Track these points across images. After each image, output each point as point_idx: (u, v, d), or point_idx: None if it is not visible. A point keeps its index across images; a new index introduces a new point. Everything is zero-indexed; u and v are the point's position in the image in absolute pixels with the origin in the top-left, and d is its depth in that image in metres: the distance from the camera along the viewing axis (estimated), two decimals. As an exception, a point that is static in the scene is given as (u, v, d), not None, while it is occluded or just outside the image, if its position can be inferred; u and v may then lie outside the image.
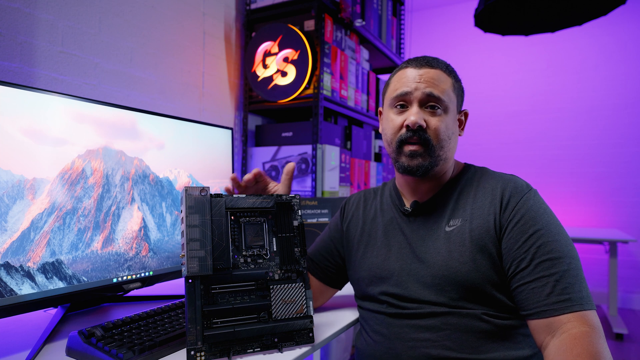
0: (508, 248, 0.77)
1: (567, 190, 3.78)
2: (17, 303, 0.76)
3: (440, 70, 0.85)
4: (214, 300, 0.72)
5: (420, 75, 0.84)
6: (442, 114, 0.84)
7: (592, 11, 1.89)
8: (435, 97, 0.83)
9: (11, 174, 0.76)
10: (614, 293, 3.07)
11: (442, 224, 0.84)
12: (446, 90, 0.84)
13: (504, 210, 0.79)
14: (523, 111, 3.96)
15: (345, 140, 2.12)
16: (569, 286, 0.70)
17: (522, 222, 0.77)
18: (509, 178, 0.84)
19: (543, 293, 0.71)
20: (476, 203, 0.83)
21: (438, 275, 0.80)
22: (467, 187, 0.87)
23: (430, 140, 0.83)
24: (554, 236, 0.75)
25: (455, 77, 0.88)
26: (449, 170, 0.90)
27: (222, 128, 1.26)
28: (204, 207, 0.74)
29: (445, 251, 0.81)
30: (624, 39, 3.62)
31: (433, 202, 0.88)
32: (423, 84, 0.83)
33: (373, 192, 1.02)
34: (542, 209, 0.78)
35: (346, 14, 1.96)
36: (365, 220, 0.97)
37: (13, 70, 1.15)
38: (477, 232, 0.79)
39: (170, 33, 1.64)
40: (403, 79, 0.86)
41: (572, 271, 0.72)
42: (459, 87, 0.89)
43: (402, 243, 0.88)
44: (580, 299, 0.70)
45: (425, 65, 0.86)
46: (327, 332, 0.85)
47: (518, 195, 0.79)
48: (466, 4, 4.21)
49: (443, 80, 0.85)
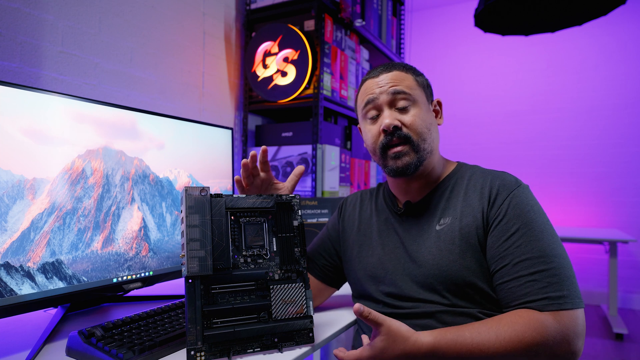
0: (490, 245, 0.77)
1: (567, 190, 3.78)
2: (17, 303, 0.76)
3: (397, 71, 0.88)
4: (214, 300, 0.72)
5: (380, 81, 0.87)
6: (413, 108, 0.85)
7: (592, 11, 1.89)
8: (401, 92, 0.85)
9: (11, 174, 0.76)
10: (614, 293, 3.07)
11: (433, 223, 0.85)
12: (410, 85, 0.86)
13: (492, 206, 0.79)
14: (523, 111, 3.96)
15: (345, 140, 2.12)
16: (548, 286, 0.70)
17: (507, 220, 0.77)
18: (498, 174, 0.84)
19: (520, 292, 0.72)
20: (466, 201, 0.83)
21: (430, 275, 0.80)
22: (457, 185, 0.87)
23: (410, 137, 0.84)
24: (537, 234, 0.74)
25: (414, 72, 0.90)
26: (437, 167, 0.90)
27: (222, 128, 1.26)
28: (204, 207, 0.74)
29: (435, 250, 0.81)
30: (624, 39, 3.62)
31: (425, 201, 0.88)
32: (385, 87, 0.86)
33: (369, 193, 1.03)
34: (528, 205, 0.78)
35: (346, 14, 1.96)
36: (361, 220, 0.98)
37: (13, 70, 1.15)
38: (467, 229, 0.79)
39: (170, 33, 1.64)
40: (366, 90, 0.89)
41: (553, 270, 0.71)
42: (422, 80, 0.90)
43: (396, 243, 0.89)
44: (558, 297, 0.69)
45: (382, 71, 0.88)
46: (327, 332, 0.85)
47: (506, 192, 0.79)
48: (466, 4, 4.21)
49: (403, 77, 0.87)
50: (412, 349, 0.69)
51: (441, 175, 0.90)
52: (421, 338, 0.70)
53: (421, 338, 0.70)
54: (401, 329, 0.69)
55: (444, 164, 0.92)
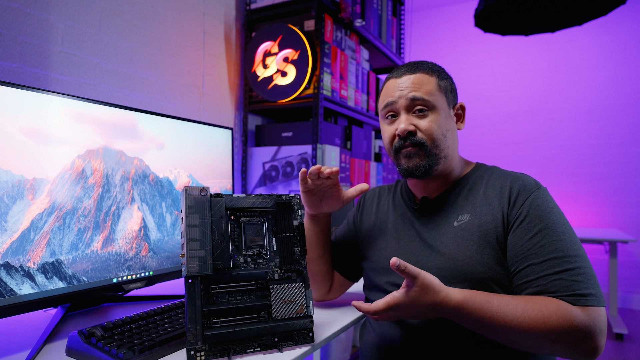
0: (512, 245, 0.77)
1: (567, 190, 3.78)
2: (17, 303, 0.76)
3: (422, 73, 0.87)
4: (214, 300, 0.72)
5: (401, 83, 0.87)
6: (431, 114, 0.85)
7: (592, 11, 1.89)
8: (419, 99, 0.85)
9: (11, 174, 0.76)
10: (614, 293, 3.07)
11: (450, 219, 0.85)
12: (430, 90, 0.86)
13: (512, 207, 0.80)
14: (523, 111, 3.96)
15: (345, 140, 2.12)
16: (575, 283, 0.71)
17: (528, 220, 0.77)
18: (518, 176, 0.85)
19: (549, 290, 0.72)
20: (485, 200, 0.84)
21: (444, 268, 0.80)
22: (476, 184, 0.88)
23: (423, 142, 0.84)
24: (559, 235, 0.75)
25: (440, 75, 0.89)
26: (456, 168, 0.91)
27: (222, 128, 1.26)
28: (203, 207, 0.74)
29: (453, 245, 0.82)
30: (624, 39, 3.62)
31: (442, 198, 0.89)
32: (405, 91, 0.86)
33: (387, 189, 1.05)
34: (549, 207, 0.78)
35: (346, 14, 1.96)
36: (378, 214, 1.00)
37: (13, 70, 1.15)
38: (485, 227, 0.80)
39: (170, 33, 1.64)
40: (387, 90, 0.90)
41: (578, 270, 0.72)
42: (445, 84, 0.89)
43: (412, 236, 0.90)
44: (586, 295, 0.70)
45: (406, 72, 0.88)
46: (327, 332, 0.85)
47: (526, 193, 0.80)
48: (466, 4, 4.21)
49: (425, 82, 0.86)
50: (441, 303, 0.71)
51: (459, 175, 0.91)
52: (451, 294, 0.72)
53: (451, 294, 0.72)
54: (434, 282, 0.72)
55: (463, 165, 0.93)
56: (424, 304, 0.71)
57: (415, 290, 0.71)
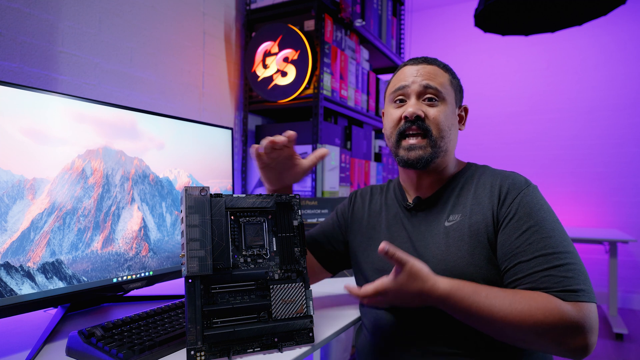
0: (502, 243, 0.77)
1: (568, 190, 3.78)
2: (17, 303, 0.76)
3: (437, 67, 0.90)
4: (214, 300, 0.72)
5: (417, 70, 0.89)
6: (441, 104, 0.87)
7: (592, 11, 1.90)
8: (432, 88, 0.86)
9: (11, 174, 0.76)
10: (614, 293, 3.07)
11: (442, 219, 0.85)
12: (443, 83, 0.88)
13: (502, 205, 0.80)
14: (523, 111, 3.96)
15: (345, 140, 2.12)
16: (565, 279, 0.70)
17: (517, 218, 0.77)
18: (508, 174, 0.85)
19: (538, 287, 0.71)
20: (476, 199, 0.84)
21: (436, 270, 0.80)
22: (467, 183, 0.88)
23: (430, 130, 0.85)
24: (548, 232, 0.75)
25: (452, 74, 0.92)
26: (450, 165, 0.91)
27: (222, 128, 1.26)
28: (203, 207, 0.74)
29: (444, 246, 0.82)
30: (624, 39, 3.62)
31: (435, 197, 0.89)
32: (420, 77, 0.87)
33: (379, 188, 1.05)
34: (538, 204, 0.78)
35: (346, 14, 1.96)
36: (370, 213, 1.00)
37: (13, 70, 1.15)
38: (476, 227, 0.80)
39: (170, 33, 1.64)
40: (401, 75, 0.91)
41: (568, 266, 0.71)
42: (456, 83, 0.92)
43: (404, 238, 0.89)
44: (576, 291, 0.69)
45: (423, 62, 0.90)
46: (327, 332, 0.85)
47: (515, 191, 0.80)
48: (466, 4, 4.21)
49: (440, 74, 0.88)
50: (429, 291, 0.72)
51: (452, 173, 0.92)
52: (439, 283, 0.72)
53: (439, 283, 0.72)
54: (423, 269, 0.72)
55: (456, 164, 0.94)
56: (411, 291, 0.72)
57: (403, 276, 0.71)
